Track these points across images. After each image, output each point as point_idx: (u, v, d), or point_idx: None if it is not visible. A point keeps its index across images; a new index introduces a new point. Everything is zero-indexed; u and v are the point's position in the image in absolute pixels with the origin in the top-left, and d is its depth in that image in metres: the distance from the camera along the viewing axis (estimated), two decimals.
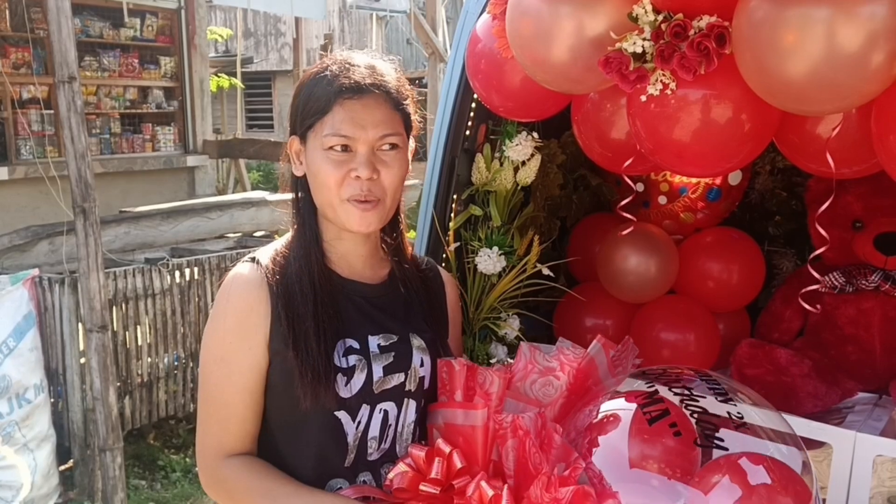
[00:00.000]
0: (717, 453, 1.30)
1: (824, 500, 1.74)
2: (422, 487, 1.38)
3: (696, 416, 1.35)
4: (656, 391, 1.41)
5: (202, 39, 8.77)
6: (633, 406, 1.39)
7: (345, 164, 1.41)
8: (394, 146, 1.44)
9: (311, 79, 1.47)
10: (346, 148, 1.41)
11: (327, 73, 1.44)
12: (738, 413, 1.37)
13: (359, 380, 1.43)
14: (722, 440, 1.31)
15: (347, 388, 1.42)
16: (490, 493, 1.33)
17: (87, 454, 4.40)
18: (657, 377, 1.48)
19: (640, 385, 1.46)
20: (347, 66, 1.44)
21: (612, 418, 1.40)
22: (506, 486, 1.33)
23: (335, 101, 1.41)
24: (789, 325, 2.35)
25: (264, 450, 1.46)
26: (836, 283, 2.19)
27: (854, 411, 2.05)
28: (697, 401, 1.38)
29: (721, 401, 1.40)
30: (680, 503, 1.26)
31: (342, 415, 1.42)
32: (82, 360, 4.37)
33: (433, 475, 1.38)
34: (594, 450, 1.36)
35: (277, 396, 1.43)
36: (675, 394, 1.40)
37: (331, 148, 1.41)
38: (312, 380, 1.37)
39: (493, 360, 1.96)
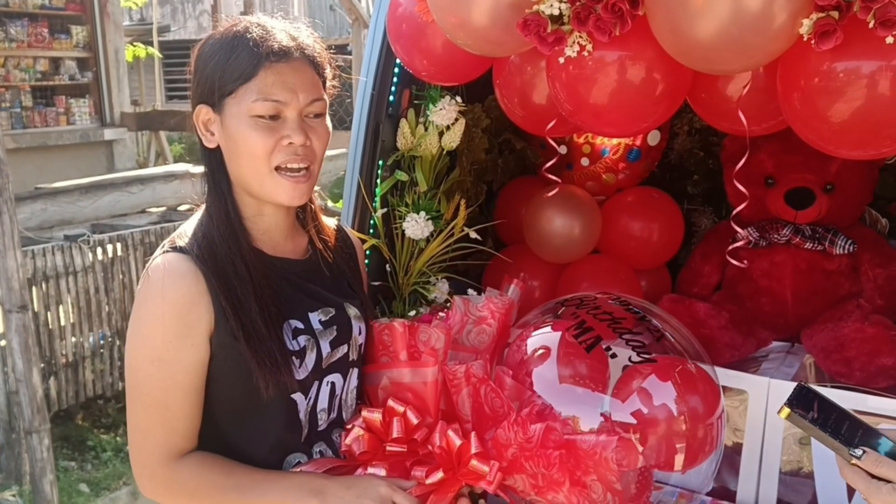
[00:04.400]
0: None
1: (741, 444, 1.83)
2: (389, 448, 1.43)
3: (625, 337, 1.52)
4: (584, 322, 1.53)
5: (115, 7, 8.47)
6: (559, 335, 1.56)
7: (275, 130, 1.35)
8: (320, 113, 1.42)
9: (222, 43, 1.37)
10: (274, 115, 1.36)
11: (247, 36, 1.36)
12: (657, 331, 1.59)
13: (310, 359, 1.43)
14: (650, 354, 1.49)
15: (302, 370, 1.41)
16: (458, 441, 1.37)
17: (12, 437, 4.29)
18: (578, 306, 1.63)
19: (564, 313, 1.63)
20: (267, 29, 1.38)
21: (544, 349, 1.54)
22: (473, 434, 1.38)
23: (262, 65, 1.34)
24: (708, 279, 2.43)
25: (208, 441, 1.42)
26: (752, 238, 2.28)
27: (768, 359, 2.14)
28: (620, 323, 1.54)
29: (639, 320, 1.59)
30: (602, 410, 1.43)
31: (297, 396, 1.42)
32: (2, 342, 4.24)
33: (395, 435, 1.43)
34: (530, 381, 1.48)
35: (227, 387, 1.39)
36: (601, 321, 1.55)
37: (259, 115, 1.34)
38: (272, 368, 1.35)
39: (420, 309, 1.97)
